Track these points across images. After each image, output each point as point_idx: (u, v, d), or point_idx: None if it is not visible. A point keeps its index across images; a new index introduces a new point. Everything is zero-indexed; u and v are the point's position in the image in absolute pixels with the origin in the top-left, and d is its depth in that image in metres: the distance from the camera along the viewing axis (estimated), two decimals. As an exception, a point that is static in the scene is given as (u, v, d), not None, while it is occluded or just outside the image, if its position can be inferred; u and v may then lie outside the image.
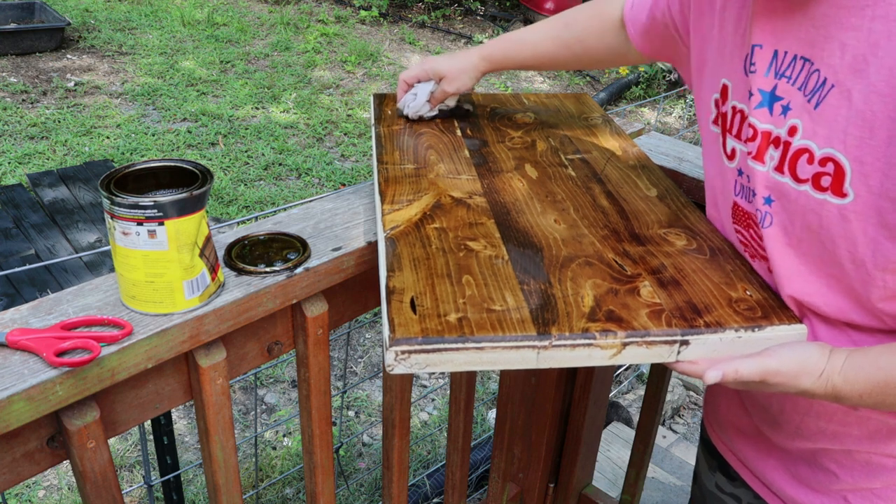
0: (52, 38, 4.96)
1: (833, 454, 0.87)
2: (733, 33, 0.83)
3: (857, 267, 0.72)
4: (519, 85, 5.69)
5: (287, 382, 2.58)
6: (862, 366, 0.72)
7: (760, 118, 0.78)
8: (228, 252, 0.89)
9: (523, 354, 0.72)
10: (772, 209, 0.79)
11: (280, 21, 6.11)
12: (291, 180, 3.87)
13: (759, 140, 0.78)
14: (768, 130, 0.78)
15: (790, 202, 0.76)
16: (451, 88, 1.19)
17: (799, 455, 0.91)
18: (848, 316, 0.77)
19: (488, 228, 0.90)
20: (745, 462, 1.00)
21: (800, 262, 0.78)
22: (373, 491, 2.17)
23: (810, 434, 0.87)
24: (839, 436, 0.85)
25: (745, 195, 0.84)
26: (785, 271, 0.79)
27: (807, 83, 0.73)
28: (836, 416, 0.84)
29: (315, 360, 0.95)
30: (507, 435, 1.61)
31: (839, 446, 0.85)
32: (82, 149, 3.85)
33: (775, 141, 0.77)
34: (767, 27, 0.77)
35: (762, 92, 0.78)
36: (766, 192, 0.79)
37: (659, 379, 1.50)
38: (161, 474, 1.41)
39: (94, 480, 0.78)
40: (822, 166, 0.72)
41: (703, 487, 1.14)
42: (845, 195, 0.70)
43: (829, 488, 0.88)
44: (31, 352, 0.70)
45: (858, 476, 0.86)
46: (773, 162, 0.77)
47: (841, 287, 0.76)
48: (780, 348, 0.74)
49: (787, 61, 0.75)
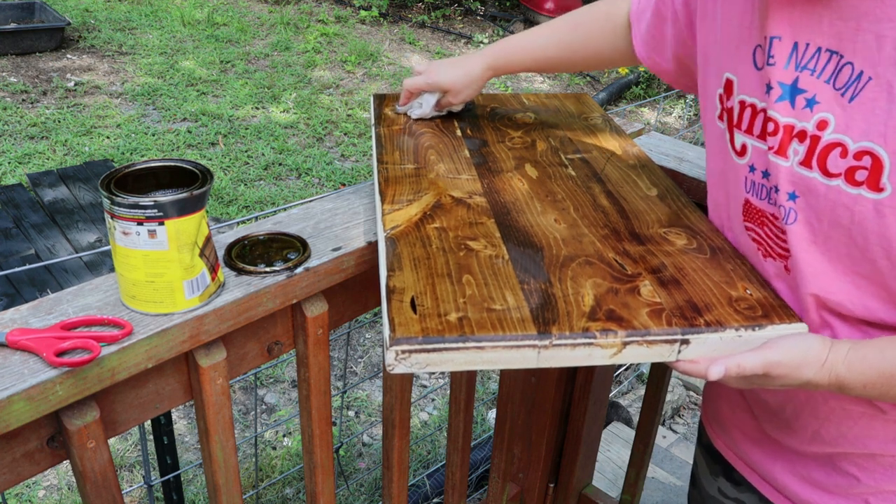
0: (52, 38, 4.96)
1: (854, 458, 0.85)
2: (738, 25, 0.82)
3: (891, 263, 0.71)
4: (519, 85, 5.69)
5: (287, 382, 2.58)
6: (866, 355, 0.71)
7: (782, 112, 0.76)
8: (228, 252, 0.89)
9: (524, 354, 0.72)
10: (796, 205, 0.77)
11: (280, 21, 6.11)
12: (291, 180, 3.87)
13: (782, 134, 0.76)
14: (790, 124, 0.76)
15: (818, 198, 0.74)
16: (457, 101, 1.20)
17: (813, 458, 0.89)
18: (876, 315, 0.76)
19: (488, 228, 0.90)
20: (752, 465, 0.99)
21: (825, 259, 0.76)
22: (373, 491, 2.17)
23: (830, 439, 0.86)
24: (862, 439, 0.83)
25: (759, 192, 0.82)
26: (809, 269, 0.78)
27: (836, 76, 0.71)
28: (862, 420, 0.82)
29: (315, 360, 0.95)
30: (507, 435, 1.61)
31: (862, 450, 0.84)
32: (82, 149, 3.85)
33: (800, 135, 0.75)
34: (785, 19, 0.75)
35: (782, 85, 0.76)
36: (791, 188, 0.77)
37: (659, 379, 1.50)
38: (161, 474, 1.41)
39: (94, 480, 0.78)
40: (858, 160, 0.70)
41: (702, 491, 1.12)
42: (882, 189, 0.69)
43: (849, 492, 0.87)
44: (31, 352, 0.70)
45: (881, 479, 0.85)
46: (797, 157, 0.75)
47: (870, 285, 0.74)
48: (781, 340, 0.74)
49: (810, 54, 0.74)
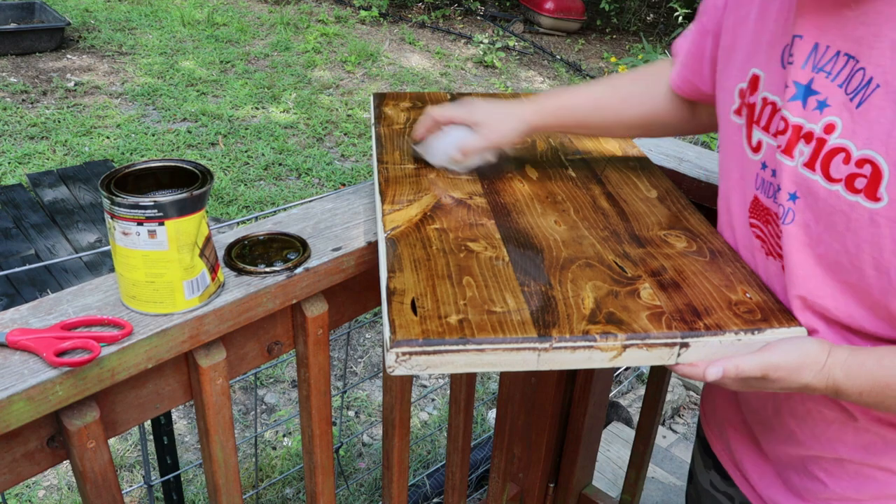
0: (52, 38, 4.96)
1: (823, 462, 0.86)
2: (775, 22, 0.80)
3: (879, 274, 0.70)
4: (519, 85, 5.70)
5: (287, 382, 2.58)
6: (864, 362, 0.71)
7: (792, 111, 0.76)
8: (228, 252, 0.89)
9: (524, 356, 0.72)
10: (795, 206, 0.76)
11: (280, 21, 6.11)
12: (291, 180, 3.87)
13: (790, 133, 0.76)
14: (799, 124, 0.75)
15: (817, 201, 0.74)
16: (493, 137, 0.99)
17: (789, 462, 0.90)
18: (859, 323, 0.76)
19: (489, 229, 0.90)
20: (737, 464, 1.00)
21: (816, 262, 0.76)
22: (373, 491, 2.17)
23: (804, 440, 0.86)
24: (833, 443, 0.84)
25: (767, 189, 0.82)
26: (799, 271, 0.78)
27: (849, 81, 0.71)
28: (834, 424, 0.83)
29: (315, 360, 0.95)
30: (507, 435, 1.61)
31: (831, 454, 0.85)
32: (82, 149, 3.85)
33: (806, 136, 0.74)
34: (812, 19, 0.74)
35: (797, 84, 0.75)
36: (793, 188, 0.76)
37: (659, 379, 1.50)
38: (161, 474, 1.41)
39: (94, 480, 0.78)
40: (859, 168, 0.69)
41: (698, 486, 1.13)
42: (879, 199, 0.68)
43: (817, 496, 0.88)
44: (31, 352, 0.70)
45: (846, 486, 0.85)
46: (802, 157, 0.75)
47: (856, 294, 0.74)
48: (780, 343, 0.74)
49: (829, 56, 0.73)
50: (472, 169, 1.03)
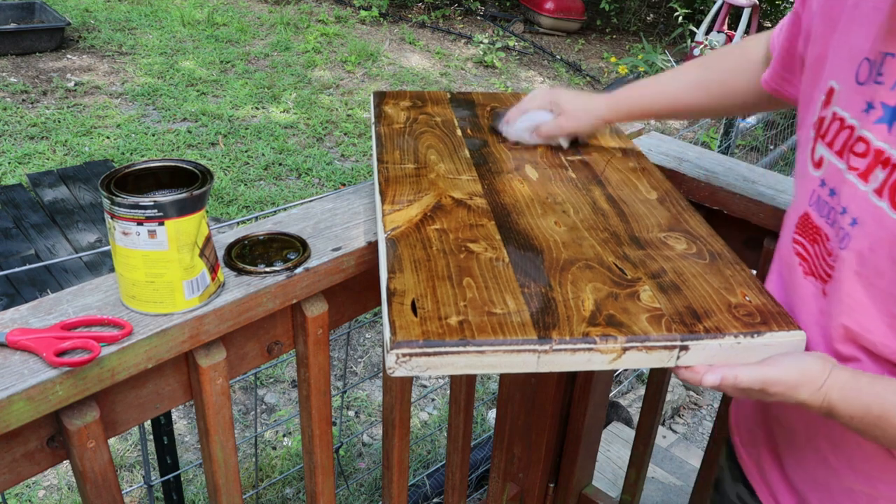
0: (52, 38, 4.95)
1: (856, 497, 0.82)
2: (857, 34, 0.76)
3: None
4: (519, 85, 5.70)
5: (287, 382, 2.58)
6: (861, 388, 0.70)
7: (877, 134, 0.71)
8: (228, 252, 0.89)
9: (524, 358, 0.72)
10: (853, 231, 0.73)
11: (280, 21, 6.11)
12: (291, 180, 3.87)
13: (871, 157, 0.72)
14: (882, 149, 0.71)
15: (880, 229, 0.70)
16: (569, 125, 1.12)
17: (814, 488, 0.86)
18: None
19: (489, 230, 0.90)
20: (768, 484, 0.95)
21: (866, 293, 0.73)
22: (373, 491, 2.17)
23: (838, 467, 0.83)
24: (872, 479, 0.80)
25: (822, 208, 0.79)
26: (847, 299, 0.74)
27: None
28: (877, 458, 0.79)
29: (315, 360, 0.95)
30: (507, 435, 1.61)
31: (867, 489, 0.81)
32: (82, 149, 3.85)
33: (885, 161, 0.70)
34: None
35: (885, 106, 0.71)
36: (857, 213, 0.73)
37: (659, 379, 1.50)
38: (161, 474, 1.41)
39: (94, 480, 0.78)
40: None
41: (724, 497, 1.08)
42: None
43: None
44: (31, 352, 0.70)
45: None
46: (874, 183, 0.71)
47: None
48: (782, 358, 0.73)
49: None
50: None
